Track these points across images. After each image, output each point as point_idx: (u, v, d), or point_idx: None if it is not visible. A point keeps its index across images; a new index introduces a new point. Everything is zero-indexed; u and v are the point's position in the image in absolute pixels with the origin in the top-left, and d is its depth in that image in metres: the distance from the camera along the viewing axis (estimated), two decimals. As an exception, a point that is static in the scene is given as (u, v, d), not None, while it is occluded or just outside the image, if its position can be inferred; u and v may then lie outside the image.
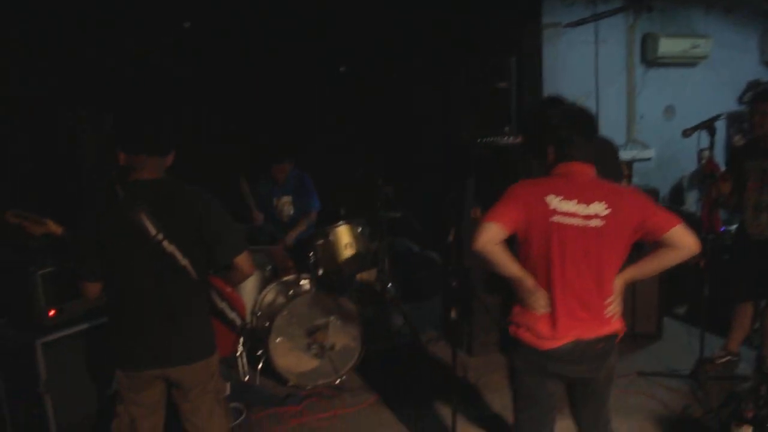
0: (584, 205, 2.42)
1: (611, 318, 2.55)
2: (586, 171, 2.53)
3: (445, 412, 4.02)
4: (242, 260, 2.73)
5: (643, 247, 2.57)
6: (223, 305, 2.85)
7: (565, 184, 2.47)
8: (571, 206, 2.42)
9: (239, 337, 3.04)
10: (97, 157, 4.44)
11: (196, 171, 3.01)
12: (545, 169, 2.59)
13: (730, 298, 4.42)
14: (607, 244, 2.46)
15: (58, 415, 3.16)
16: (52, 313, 3.18)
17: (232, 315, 2.91)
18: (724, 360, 4.44)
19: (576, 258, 2.45)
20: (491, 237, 2.38)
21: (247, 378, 4.41)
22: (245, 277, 2.85)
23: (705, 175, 4.00)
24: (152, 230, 2.49)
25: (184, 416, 2.80)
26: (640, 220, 2.45)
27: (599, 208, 2.42)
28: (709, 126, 3.88)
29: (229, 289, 2.92)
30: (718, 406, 3.82)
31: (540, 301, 2.48)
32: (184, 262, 2.56)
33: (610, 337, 2.56)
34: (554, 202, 2.42)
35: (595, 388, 2.70)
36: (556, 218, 2.42)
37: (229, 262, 2.71)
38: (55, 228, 2.97)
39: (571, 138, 2.50)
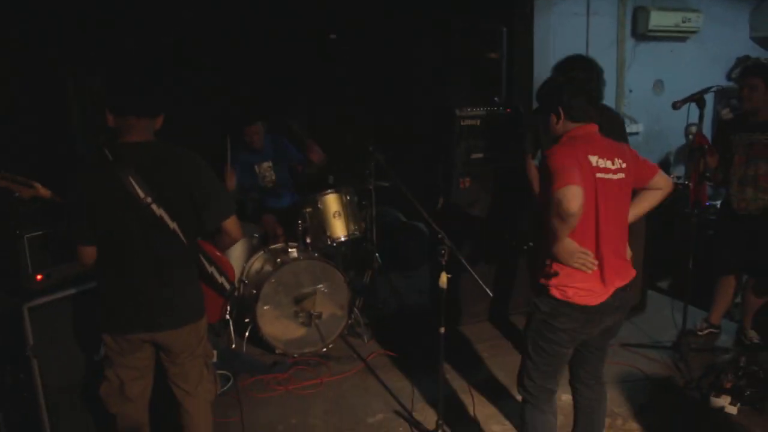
0: (610, 162, 2.60)
1: (630, 261, 2.77)
2: (596, 130, 2.68)
3: (432, 380, 4.05)
4: (231, 224, 2.71)
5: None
6: (212, 269, 2.84)
7: (592, 145, 2.61)
8: (605, 163, 2.58)
9: (227, 303, 3.03)
10: (85, 118, 4.36)
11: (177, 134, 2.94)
12: (555, 130, 2.69)
13: (713, 272, 4.47)
14: (626, 194, 2.68)
15: (46, 379, 3.12)
16: (39, 277, 3.12)
17: (221, 279, 2.90)
18: (705, 332, 4.52)
19: (613, 211, 2.62)
20: (581, 199, 2.39)
21: (233, 346, 4.42)
22: (233, 241, 2.84)
23: (694, 148, 4.01)
24: (141, 193, 2.46)
25: (172, 380, 2.81)
26: (639, 170, 2.70)
27: (620, 162, 2.62)
28: (699, 98, 3.88)
29: (218, 254, 2.90)
30: (699, 376, 3.90)
31: (589, 260, 2.54)
32: (172, 225, 2.54)
33: (633, 280, 2.73)
34: (594, 160, 2.56)
35: (602, 342, 2.84)
36: (599, 175, 2.55)
37: (217, 226, 2.70)
38: (44, 192, 2.93)
39: (581, 101, 2.63)
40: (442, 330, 3.38)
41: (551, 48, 6.27)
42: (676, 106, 3.90)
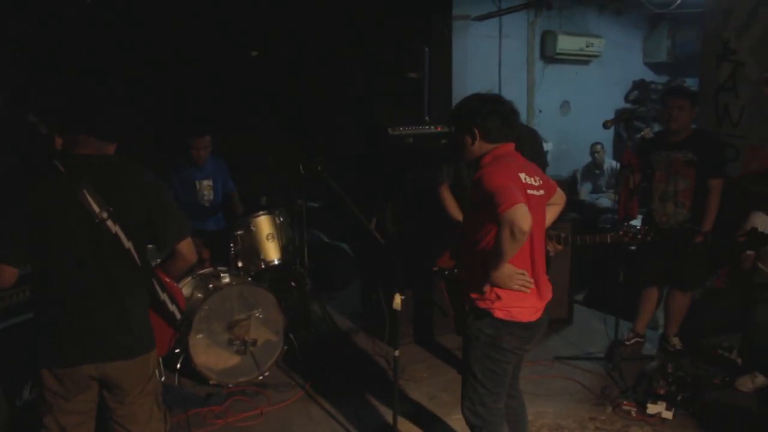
0: (533, 179, 2.63)
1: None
2: (513, 149, 2.70)
3: (375, 403, 3.96)
4: (186, 246, 2.54)
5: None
6: (164, 296, 2.62)
7: (517, 163, 2.64)
8: (531, 180, 2.61)
9: (176, 334, 2.81)
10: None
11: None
12: (471, 152, 2.68)
13: (637, 283, 4.65)
14: (544, 210, 2.76)
15: (-40, 430, 2.79)
16: (-47, 314, 2.80)
17: (173, 308, 2.68)
18: (632, 341, 4.70)
19: (540, 227, 2.66)
20: (530, 216, 2.36)
21: (163, 378, 4.12)
22: (188, 264, 2.64)
23: (623, 165, 4.18)
24: (96, 208, 2.25)
25: (117, 422, 2.53)
26: (547, 186, 2.77)
27: (539, 179, 2.67)
28: (626, 119, 4.06)
29: (167, 280, 2.69)
30: (633, 385, 4.05)
31: (527, 280, 2.56)
32: (128, 245, 2.34)
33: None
34: (523, 177, 2.57)
35: (522, 358, 2.88)
36: (529, 192, 2.56)
37: (172, 247, 2.51)
38: None
39: (496, 122, 2.62)
40: (397, 353, 3.31)
41: (468, 68, 6.44)
42: (606, 125, 4.05)
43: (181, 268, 2.65)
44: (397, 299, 3.19)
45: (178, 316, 2.72)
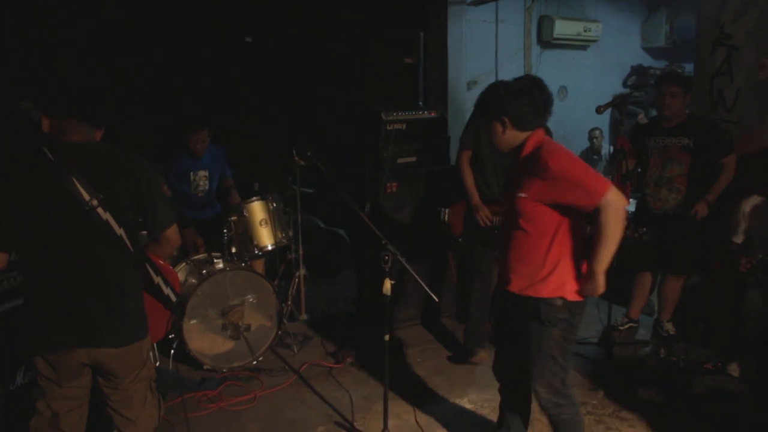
0: None
1: None
2: (544, 133, 2.73)
3: (366, 388, 3.99)
4: (173, 232, 2.56)
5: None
6: (158, 280, 2.61)
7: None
8: None
9: (172, 317, 2.81)
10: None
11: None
12: (504, 140, 2.68)
13: (631, 269, 4.65)
14: None
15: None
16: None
17: (167, 291, 2.67)
18: (626, 327, 4.71)
19: None
20: None
21: (158, 363, 4.14)
22: (173, 249, 2.68)
23: (616, 150, 4.17)
24: (86, 196, 2.25)
25: (112, 407, 2.55)
26: None
27: None
28: (620, 104, 4.05)
29: (161, 262, 2.69)
30: (626, 370, 4.07)
31: None
32: (119, 231, 2.34)
33: None
34: None
35: None
36: None
37: (160, 233, 2.52)
38: None
39: (528, 111, 2.61)
40: (387, 338, 3.32)
41: (463, 53, 6.40)
42: (599, 110, 4.03)
43: (168, 252, 2.67)
44: (387, 284, 3.20)
45: (174, 298, 2.72)
